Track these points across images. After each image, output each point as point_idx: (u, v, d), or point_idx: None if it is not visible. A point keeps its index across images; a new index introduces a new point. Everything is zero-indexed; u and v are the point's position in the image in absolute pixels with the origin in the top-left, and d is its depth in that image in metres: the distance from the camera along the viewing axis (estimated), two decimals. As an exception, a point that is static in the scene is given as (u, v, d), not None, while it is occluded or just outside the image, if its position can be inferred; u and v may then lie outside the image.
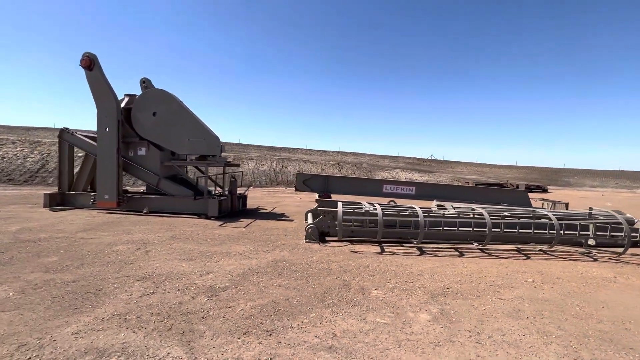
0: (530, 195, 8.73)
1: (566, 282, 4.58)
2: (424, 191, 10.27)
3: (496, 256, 5.89)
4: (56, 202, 9.62)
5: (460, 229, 6.40)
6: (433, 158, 60.16)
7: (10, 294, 3.50)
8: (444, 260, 5.46)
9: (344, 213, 6.14)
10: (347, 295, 3.80)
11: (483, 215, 5.97)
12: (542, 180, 41.31)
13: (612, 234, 6.26)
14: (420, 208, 6.85)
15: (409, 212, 6.44)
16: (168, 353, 2.49)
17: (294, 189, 10.19)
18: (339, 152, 50.37)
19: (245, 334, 2.83)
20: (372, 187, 10.46)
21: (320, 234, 6.70)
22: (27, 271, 4.21)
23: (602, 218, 6.49)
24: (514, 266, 5.27)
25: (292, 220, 8.98)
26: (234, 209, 9.50)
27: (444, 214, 6.66)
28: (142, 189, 12.78)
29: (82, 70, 8.83)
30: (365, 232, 6.61)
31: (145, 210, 9.10)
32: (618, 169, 47.92)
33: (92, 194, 9.41)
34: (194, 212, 9.07)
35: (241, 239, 6.49)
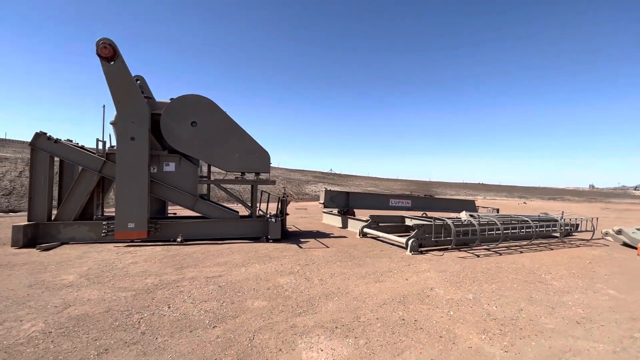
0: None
1: (607, 258, 7.08)
2: (416, 204, 12.35)
3: (535, 250, 8.14)
4: (27, 237, 6.72)
5: (496, 232, 8.49)
6: (333, 172, 66.14)
7: (361, 341, 3.07)
8: (524, 256, 7.24)
9: (455, 225, 7.21)
10: (549, 288, 4.96)
11: (527, 221, 8.19)
12: (419, 190, 51.97)
13: (567, 228, 9.66)
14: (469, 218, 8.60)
15: (493, 222, 8.12)
16: None
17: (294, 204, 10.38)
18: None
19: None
20: (382, 202, 11.84)
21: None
22: (294, 319, 3.52)
23: (562, 219, 9.84)
24: (561, 254, 7.55)
25: (345, 237, 9.20)
26: (284, 231, 8.93)
27: (522, 220, 8.64)
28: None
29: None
30: (446, 241, 7.81)
31: (179, 239, 7.54)
32: (462, 182, 65.14)
33: (105, 223, 7.06)
34: (245, 235, 8.13)
35: (360, 258, 6.58)
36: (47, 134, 7.15)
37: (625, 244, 9.03)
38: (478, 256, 7.15)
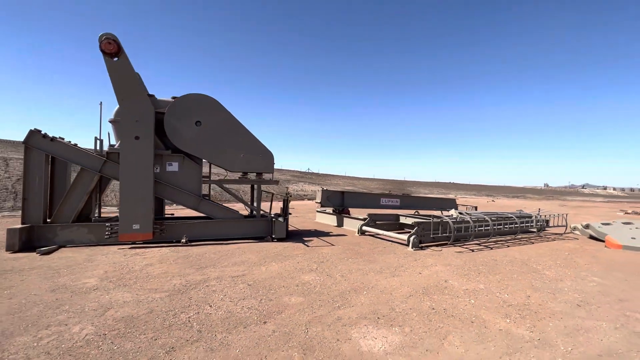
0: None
1: (581, 250, 7.93)
2: (404, 202, 12.95)
3: (519, 244, 8.92)
4: (22, 240, 6.35)
5: (485, 228, 9.19)
6: (311, 171, 66.38)
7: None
8: (512, 250, 7.94)
9: (453, 222, 7.73)
10: (544, 277, 5.56)
11: (512, 218, 8.94)
12: (395, 189, 53.65)
13: (542, 224, 10.64)
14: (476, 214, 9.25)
15: (484, 219, 8.74)
16: None
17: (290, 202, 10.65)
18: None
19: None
20: (373, 201, 12.30)
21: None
22: (346, 310, 3.73)
23: (538, 216, 10.82)
24: (543, 247, 8.35)
25: (345, 235, 9.50)
26: (286, 230, 9.03)
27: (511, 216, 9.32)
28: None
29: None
30: (442, 237, 8.34)
31: (184, 240, 7.45)
32: (434, 181, 68.02)
33: (108, 224, 6.81)
34: (249, 235, 8.17)
35: (369, 255, 6.90)
36: (42, 132, 6.77)
37: (592, 237, 10.10)
38: (473, 251, 7.74)
